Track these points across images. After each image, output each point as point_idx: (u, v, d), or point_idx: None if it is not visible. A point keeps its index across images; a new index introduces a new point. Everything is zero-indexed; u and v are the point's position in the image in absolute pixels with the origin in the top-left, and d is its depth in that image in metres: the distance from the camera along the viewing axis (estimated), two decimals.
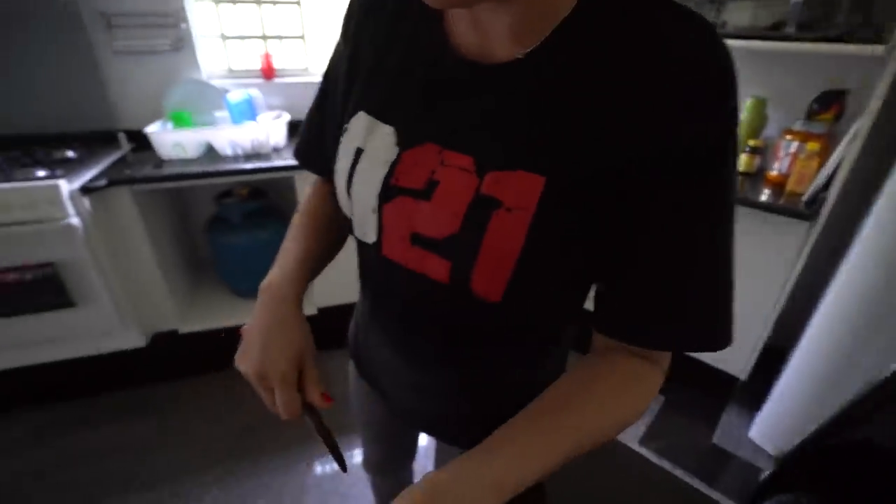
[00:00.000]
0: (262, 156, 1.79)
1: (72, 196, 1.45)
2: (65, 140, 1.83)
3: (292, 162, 1.72)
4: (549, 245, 0.42)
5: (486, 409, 0.62)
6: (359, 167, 0.49)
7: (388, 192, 0.47)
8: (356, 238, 0.55)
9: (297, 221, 0.64)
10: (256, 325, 0.53)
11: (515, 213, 0.41)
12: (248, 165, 1.69)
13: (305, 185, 1.76)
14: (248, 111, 1.87)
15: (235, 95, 1.86)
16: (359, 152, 0.49)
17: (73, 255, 1.51)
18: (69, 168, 1.56)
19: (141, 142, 1.86)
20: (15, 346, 1.66)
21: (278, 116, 1.94)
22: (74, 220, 1.46)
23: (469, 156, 0.43)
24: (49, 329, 1.64)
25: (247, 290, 2.05)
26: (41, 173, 1.49)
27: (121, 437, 1.67)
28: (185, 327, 1.91)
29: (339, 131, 0.53)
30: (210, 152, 1.80)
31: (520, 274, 0.43)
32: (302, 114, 0.65)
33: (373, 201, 0.48)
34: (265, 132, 1.79)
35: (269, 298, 0.54)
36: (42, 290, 1.55)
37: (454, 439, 0.68)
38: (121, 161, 1.75)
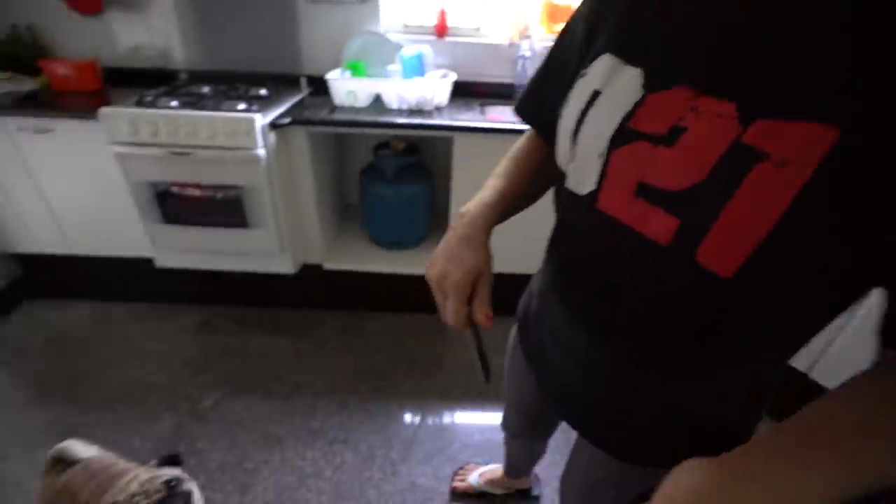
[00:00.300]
0: (424, 112, 1.81)
1: (262, 130, 1.62)
2: (259, 79, 2.04)
3: (452, 122, 1.72)
4: (823, 216, 0.33)
5: (651, 415, 0.55)
6: (592, 109, 0.46)
7: (624, 135, 0.43)
8: (565, 192, 0.52)
9: (504, 161, 0.67)
10: (447, 240, 0.58)
11: (787, 169, 0.33)
12: (412, 120, 1.72)
13: (463, 147, 1.75)
14: (417, 67, 1.90)
15: (408, 50, 1.89)
16: (595, 95, 0.46)
17: (255, 182, 1.70)
18: (262, 105, 1.74)
19: (318, 87, 2.00)
20: (198, 252, 1.95)
21: (445, 76, 1.94)
22: (261, 152, 1.63)
23: (731, 101, 0.36)
24: (225, 243, 1.89)
25: (385, 240, 2.15)
26: (241, 106, 1.68)
27: (265, 347, 1.90)
28: (329, 264, 2.07)
29: (570, 82, 0.50)
30: (377, 103, 1.87)
31: (769, 246, 0.35)
32: (466, 76, 0.63)
33: (602, 145, 0.44)
34: (432, 89, 1.80)
35: (463, 221, 0.58)
36: (227, 208, 1.78)
37: (600, 440, 0.62)
38: (299, 103, 1.90)
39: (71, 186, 1.86)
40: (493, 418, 1.65)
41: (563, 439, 1.45)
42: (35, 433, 1.54)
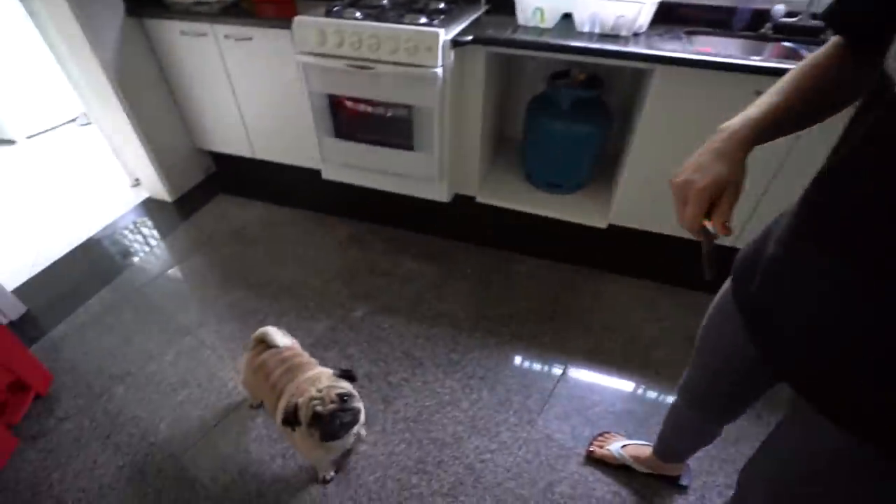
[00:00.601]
0: (619, 38, 1.55)
1: (444, 47, 1.53)
2: None
3: (652, 51, 1.45)
4: None
5: None
6: None
7: None
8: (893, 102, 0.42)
9: (784, 77, 0.59)
10: (699, 153, 0.57)
11: None
12: (608, 46, 1.48)
13: (664, 83, 1.48)
14: None
15: None
16: None
17: (427, 103, 1.64)
18: (443, 20, 1.63)
19: (496, 4, 1.83)
20: (361, 169, 2.01)
21: None
22: (439, 71, 1.55)
23: None
24: (388, 163, 1.91)
25: (544, 180, 2.00)
26: (422, 20, 1.59)
27: (411, 272, 1.94)
28: (482, 197, 2.01)
29: None
30: (565, 24, 1.65)
31: None
32: None
33: None
34: (634, 10, 1.52)
35: (720, 136, 0.57)
36: (395, 128, 1.77)
37: (847, 416, 0.52)
38: (477, 21, 1.76)
39: (259, 94, 2.01)
40: (639, 390, 1.51)
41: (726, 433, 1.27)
42: (224, 308, 1.79)
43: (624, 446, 1.32)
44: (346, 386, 1.00)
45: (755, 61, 1.38)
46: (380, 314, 1.76)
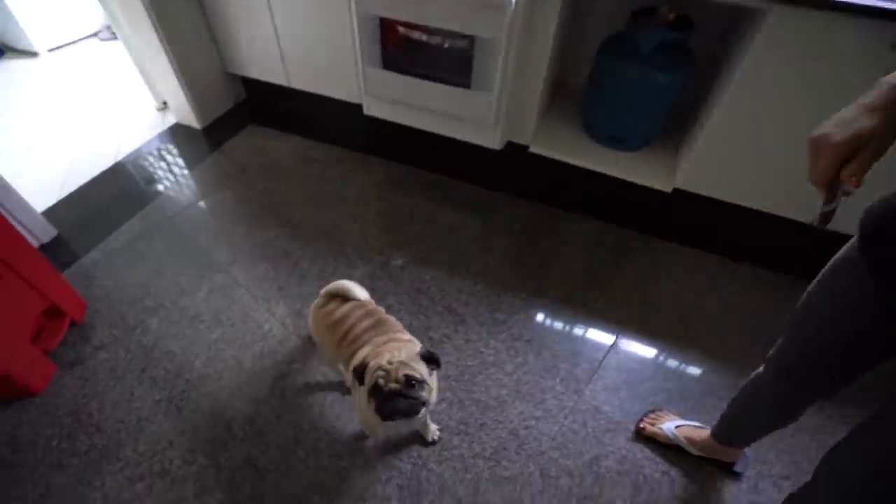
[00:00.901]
0: None
1: None
2: None
3: None
4: None
5: None
6: None
7: None
8: None
9: None
10: (847, 107, 0.53)
11: None
12: None
13: (778, 29, 1.25)
14: None
15: None
16: None
17: (493, 34, 1.45)
18: None
19: None
20: (408, 106, 1.84)
21: None
22: None
23: None
24: (439, 102, 1.73)
25: (605, 134, 1.82)
26: None
27: (454, 222, 1.82)
28: (535, 147, 1.84)
29: None
30: None
31: None
32: None
33: None
34: None
35: (879, 89, 0.52)
36: (452, 62, 1.59)
37: None
38: None
39: (301, 14, 1.81)
40: (694, 369, 1.43)
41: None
42: (256, 247, 1.71)
43: (678, 426, 1.25)
44: (420, 370, 0.89)
45: None
46: (420, 265, 1.67)
